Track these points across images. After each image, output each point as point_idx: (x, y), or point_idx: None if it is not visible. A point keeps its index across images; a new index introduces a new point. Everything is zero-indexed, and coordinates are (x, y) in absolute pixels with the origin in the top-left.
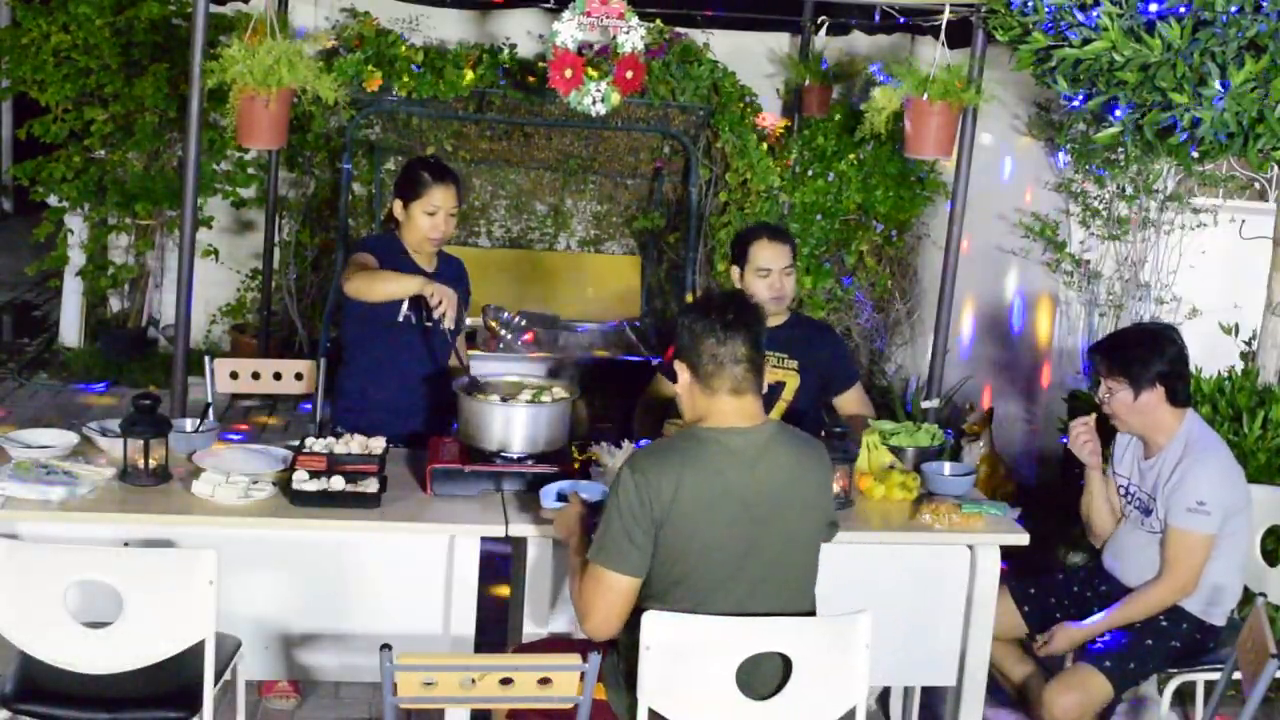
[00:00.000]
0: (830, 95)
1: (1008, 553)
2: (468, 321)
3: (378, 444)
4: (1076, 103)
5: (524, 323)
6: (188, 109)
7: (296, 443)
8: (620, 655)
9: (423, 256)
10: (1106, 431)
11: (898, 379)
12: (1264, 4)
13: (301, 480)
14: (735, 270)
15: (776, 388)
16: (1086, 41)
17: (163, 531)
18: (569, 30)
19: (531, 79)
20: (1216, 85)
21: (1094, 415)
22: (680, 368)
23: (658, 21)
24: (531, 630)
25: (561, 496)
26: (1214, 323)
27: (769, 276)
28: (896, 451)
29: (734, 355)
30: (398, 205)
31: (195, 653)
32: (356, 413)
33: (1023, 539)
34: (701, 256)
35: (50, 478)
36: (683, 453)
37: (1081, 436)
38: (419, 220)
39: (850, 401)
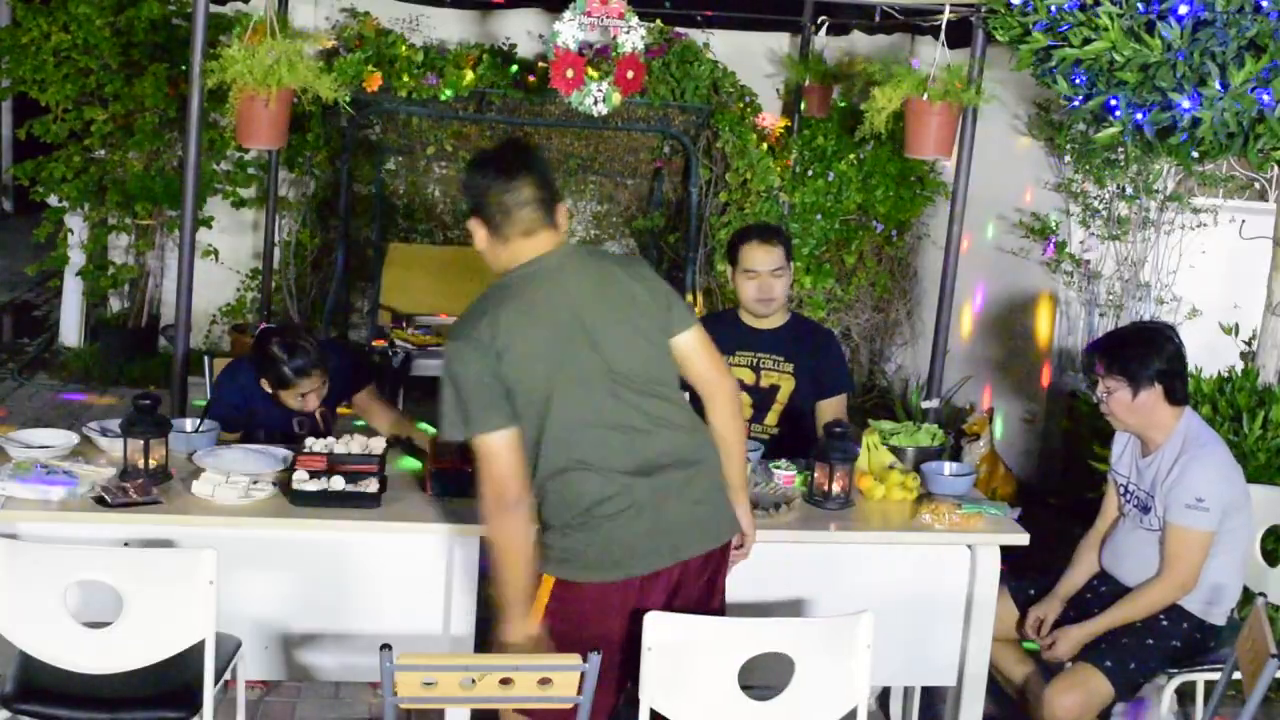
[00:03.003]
0: (830, 95)
1: (1008, 553)
2: None
3: (378, 444)
4: (1076, 102)
5: None
6: (188, 109)
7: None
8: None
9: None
10: (1106, 430)
11: (898, 379)
12: (1264, 4)
13: (301, 480)
14: (730, 270)
15: (771, 390)
16: (1087, 41)
17: (163, 531)
18: (570, 30)
19: (531, 79)
20: (1216, 85)
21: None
22: (475, 226)
23: (658, 21)
24: None
25: None
26: (1214, 323)
27: (757, 278)
28: (896, 451)
29: (518, 199)
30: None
31: (195, 653)
32: None
33: (1023, 539)
34: (701, 256)
35: (50, 478)
36: (491, 299)
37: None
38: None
39: (829, 408)
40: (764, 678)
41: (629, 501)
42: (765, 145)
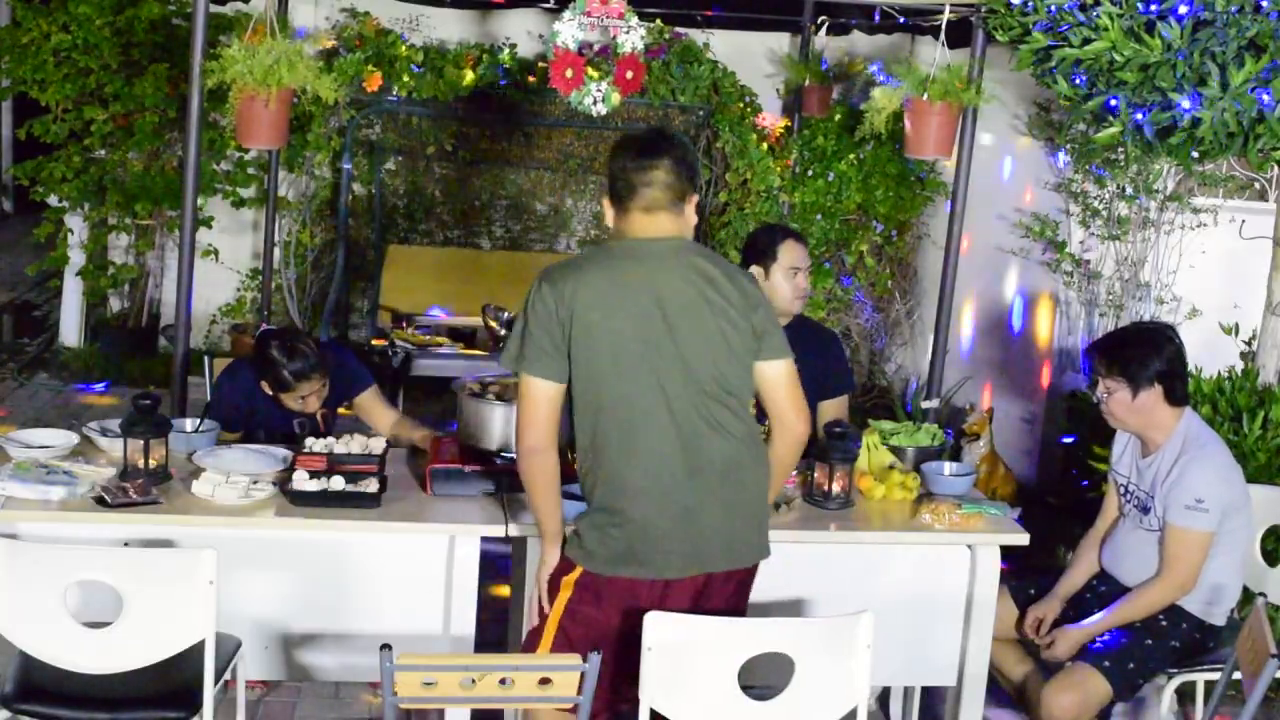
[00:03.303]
0: (830, 95)
1: (1008, 553)
2: (467, 321)
3: (378, 444)
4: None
5: None
6: (188, 109)
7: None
8: (585, 520)
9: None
10: (1106, 430)
11: (898, 379)
12: (1264, 4)
13: (301, 480)
14: (757, 270)
15: None
16: (1086, 41)
17: (163, 531)
18: (569, 30)
19: (531, 79)
20: (1216, 85)
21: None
22: (606, 205)
23: (658, 21)
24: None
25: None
26: (1214, 323)
27: (798, 274)
28: (896, 451)
29: (644, 179)
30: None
31: (195, 653)
32: None
33: (1023, 539)
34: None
35: (50, 478)
36: (589, 258)
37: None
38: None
39: (830, 409)
40: (764, 678)
41: (668, 499)
42: (765, 145)
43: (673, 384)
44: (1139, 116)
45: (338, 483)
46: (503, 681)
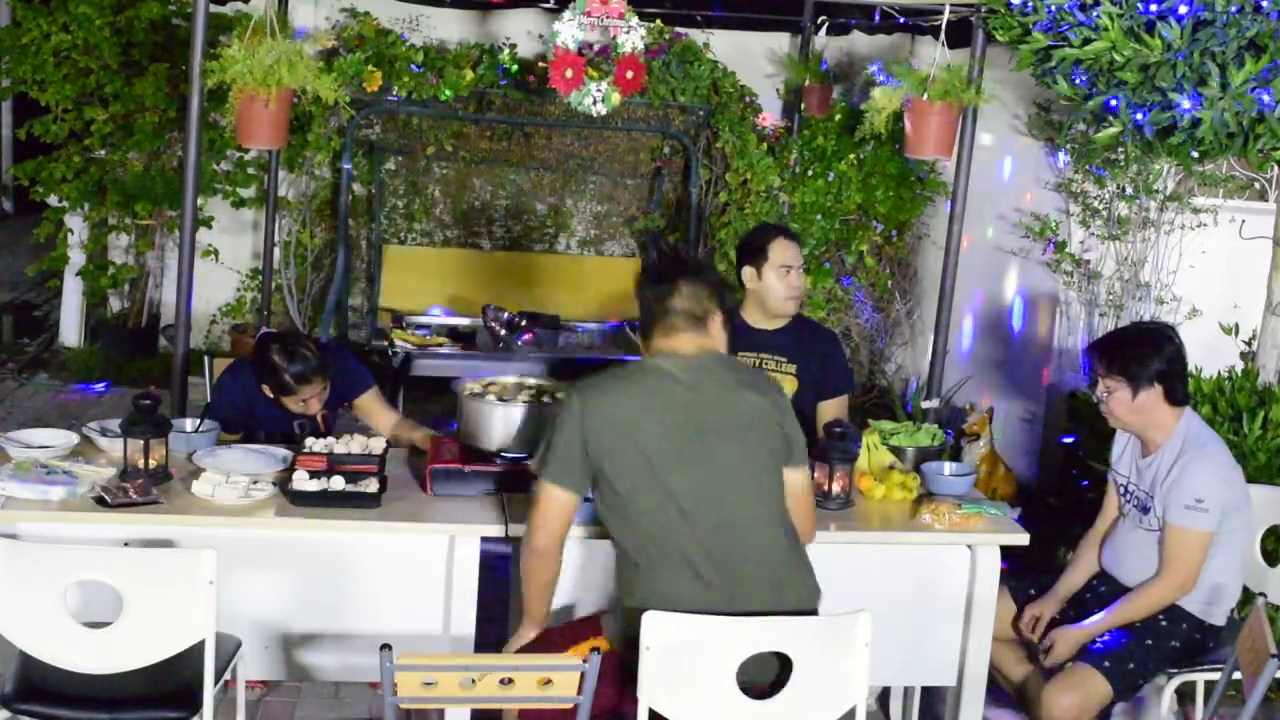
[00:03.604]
0: (830, 95)
1: (1008, 553)
2: (467, 321)
3: (378, 444)
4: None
5: (524, 323)
6: (188, 109)
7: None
8: (620, 617)
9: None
10: (1106, 430)
11: (898, 379)
12: (1264, 4)
13: (301, 480)
14: (749, 270)
15: None
16: (1087, 41)
17: (163, 531)
18: (569, 30)
19: (531, 79)
20: (1216, 85)
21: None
22: (638, 336)
23: (658, 21)
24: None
25: None
26: (1214, 323)
27: (790, 272)
28: (896, 451)
29: (663, 306)
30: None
31: (195, 653)
32: None
33: (1023, 539)
34: (702, 257)
35: (50, 478)
36: (619, 376)
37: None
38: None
39: (830, 409)
40: (763, 678)
41: (704, 604)
42: (765, 145)
43: (704, 498)
44: (1139, 116)
45: (338, 483)
46: (503, 681)
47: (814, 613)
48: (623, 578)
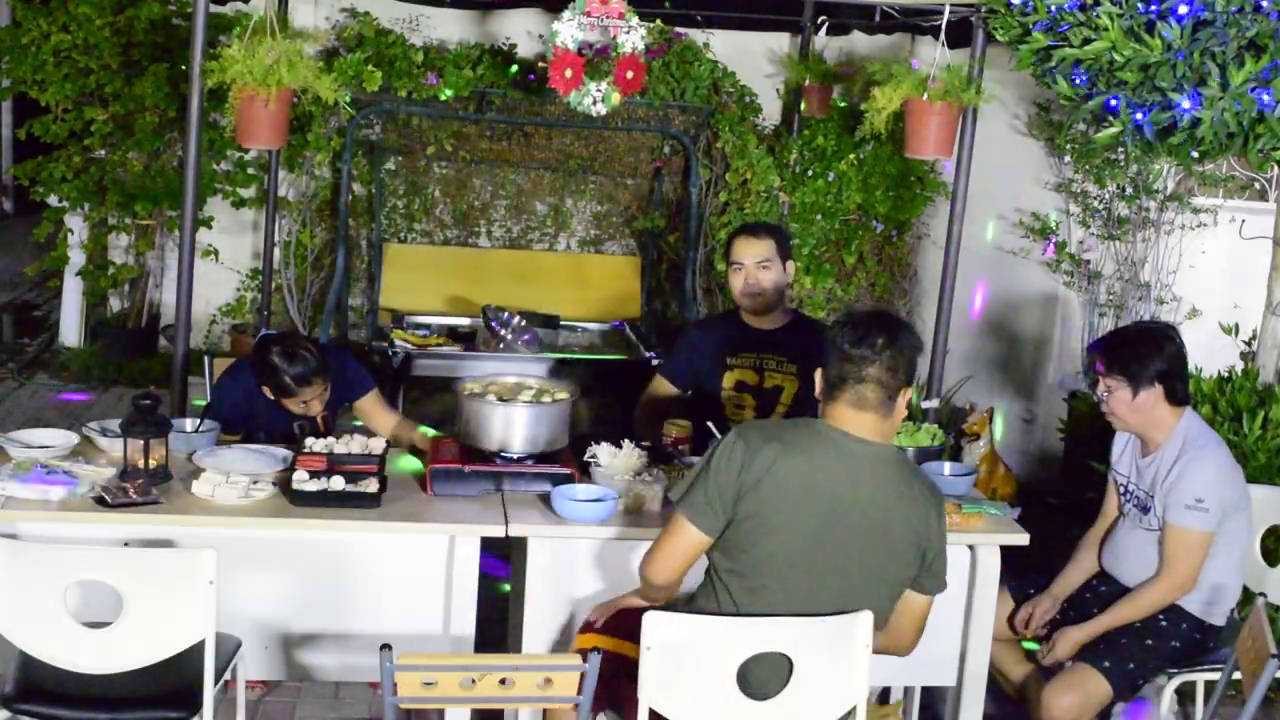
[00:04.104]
0: (830, 95)
1: (1008, 553)
2: (467, 321)
3: (378, 444)
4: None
5: (524, 323)
6: (188, 109)
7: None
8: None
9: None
10: (1106, 430)
11: None
12: (1264, 4)
13: (301, 480)
14: (727, 270)
15: (775, 392)
16: (1086, 41)
17: (163, 531)
18: (569, 30)
19: (532, 79)
20: (1216, 85)
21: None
22: (818, 376)
23: (658, 21)
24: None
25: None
26: (1214, 323)
27: (741, 270)
28: None
29: (858, 374)
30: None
31: (195, 653)
32: None
33: (1023, 539)
34: (701, 257)
35: (50, 478)
36: (794, 434)
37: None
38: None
39: None
40: (773, 683)
41: None
42: (764, 146)
43: (814, 582)
44: (1138, 116)
45: (338, 483)
46: (503, 681)
47: None
48: (702, 588)
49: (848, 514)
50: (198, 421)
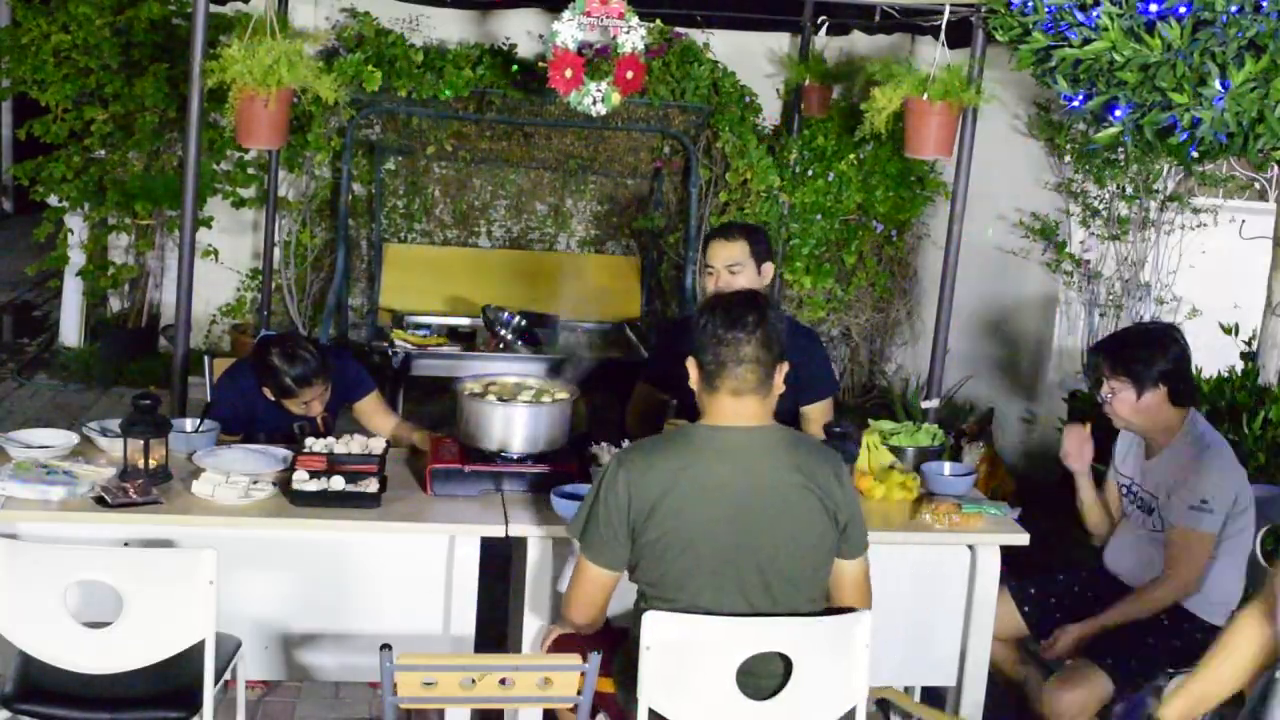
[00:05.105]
0: (830, 95)
1: (1008, 553)
2: (467, 321)
3: (378, 444)
4: (1076, 103)
5: (524, 323)
6: (188, 109)
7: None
8: (628, 655)
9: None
10: (1108, 431)
11: (898, 379)
12: (1264, 4)
13: (301, 480)
14: None
15: None
16: (1086, 41)
17: (163, 531)
18: (569, 30)
19: (532, 79)
20: (1216, 85)
21: (1088, 425)
22: (691, 365)
23: (658, 21)
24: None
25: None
26: (1214, 323)
27: (714, 274)
28: (896, 451)
29: (736, 356)
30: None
31: (195, 653)
32: None
33: (1023, 539)
34: (701, 257)
35: (50, 478)
36: (675, 449)
37: (1073, 447)
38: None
39: (815, 413)
40: (770, 682)
41: None
42: (764, 146)
43: (741, 580)
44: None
45: (338, 483)
46: (503, 681)
47: None
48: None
49: (751, 507)
50: (198, 421)
